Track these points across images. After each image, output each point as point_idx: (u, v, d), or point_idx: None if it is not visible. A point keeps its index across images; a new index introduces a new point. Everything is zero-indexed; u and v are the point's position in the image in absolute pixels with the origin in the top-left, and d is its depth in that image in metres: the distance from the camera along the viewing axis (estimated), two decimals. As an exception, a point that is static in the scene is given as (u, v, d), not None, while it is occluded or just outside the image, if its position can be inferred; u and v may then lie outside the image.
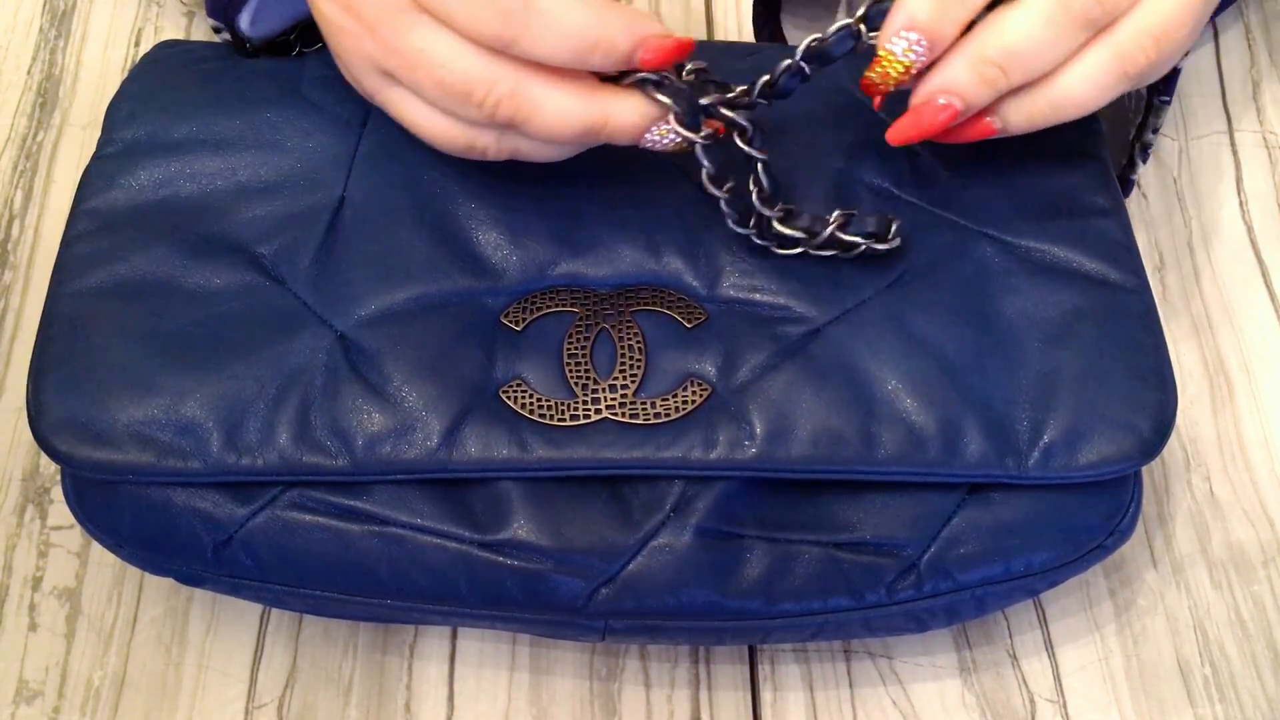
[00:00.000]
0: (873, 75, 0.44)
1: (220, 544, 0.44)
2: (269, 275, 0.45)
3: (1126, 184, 0.54)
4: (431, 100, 0.43)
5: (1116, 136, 0.53)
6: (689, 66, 0.43)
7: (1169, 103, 0.51)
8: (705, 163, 0.43)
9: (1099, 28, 0.43)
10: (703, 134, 0.43)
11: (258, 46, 0.53)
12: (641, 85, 0.42)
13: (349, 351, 0.44)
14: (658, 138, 0.43)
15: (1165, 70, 0.45)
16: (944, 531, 0.44)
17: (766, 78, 0.44)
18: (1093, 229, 0.47)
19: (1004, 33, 0.42)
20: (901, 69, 0.43)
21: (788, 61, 0.44)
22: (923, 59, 0.43)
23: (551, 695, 0.48)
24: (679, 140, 0.43)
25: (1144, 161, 0.53)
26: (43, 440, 0.43)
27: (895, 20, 0.42)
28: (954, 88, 0.43)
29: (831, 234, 0.45)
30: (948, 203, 0.47)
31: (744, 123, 0.43)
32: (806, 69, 0.44)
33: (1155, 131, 0.52)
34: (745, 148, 0.44)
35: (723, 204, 0.45)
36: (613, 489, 0.44)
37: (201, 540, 0.44)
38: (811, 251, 0.45)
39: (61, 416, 0.43)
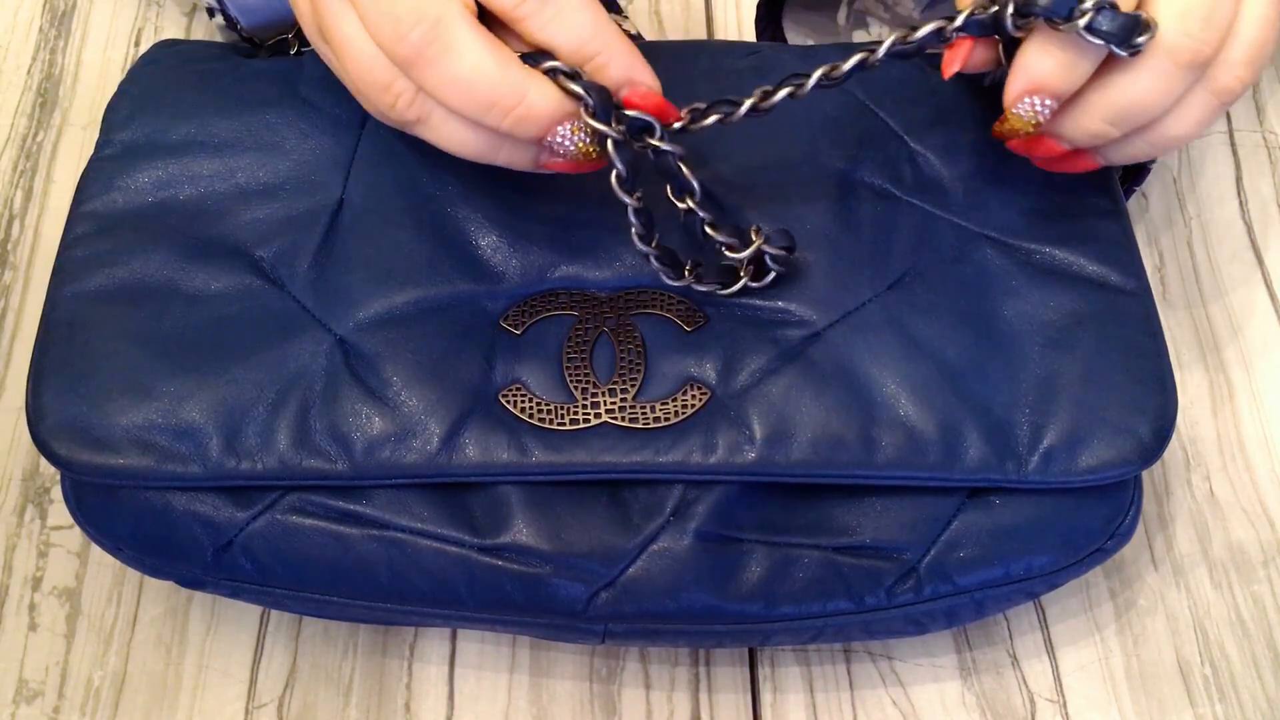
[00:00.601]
0: (1002, 130, 0.44)
1: (220, 548, 0.44)
2: (268, 278, 0.45)
3: (1143, 172, 0.54)
4: (364, 13, 0.41)
5: None
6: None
7: None
8: (617, 163, 0.41)
9: (1206, 68, 0.42)
10: (615, 127, 0.41)
11: (250, 37, 0.53)
12: (553, 74, 0.41)
13: (348, 355, 0.44)
14: (566, 133, 0.41)
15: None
16: (944, 535, 0.44)
17: (826, 69, 0.42)
18: (1093, 231, 0.47)
19: (1116, 94, 0.42)
20: (1031, 127, 0.43)
21: (861, 56, 0.42)
22: (1050, 114, 0.43)
23: (551, 696, 0.48)
24: (587, 141, 0.41)
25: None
26: (42, 444, 0.43)
27: (1016, 83, 0.42)
28: (1065, 136, 0.44)
29: (758, 248, 0.44)
30: (949, 204, 0.47)
31: (649, 119, 0.41)
32: (878, 65, 0.43)
33: None
34: (657, 143, 0.42)
35: (630, 213, 0.43)
36: (612, 493, 0.44)
37: (201, 544, 0.44)
38: (696, 287, 0.44)
39: (61, 420, 0.43)
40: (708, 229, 0.44)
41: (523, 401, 0.43)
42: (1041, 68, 0.41)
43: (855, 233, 0.46)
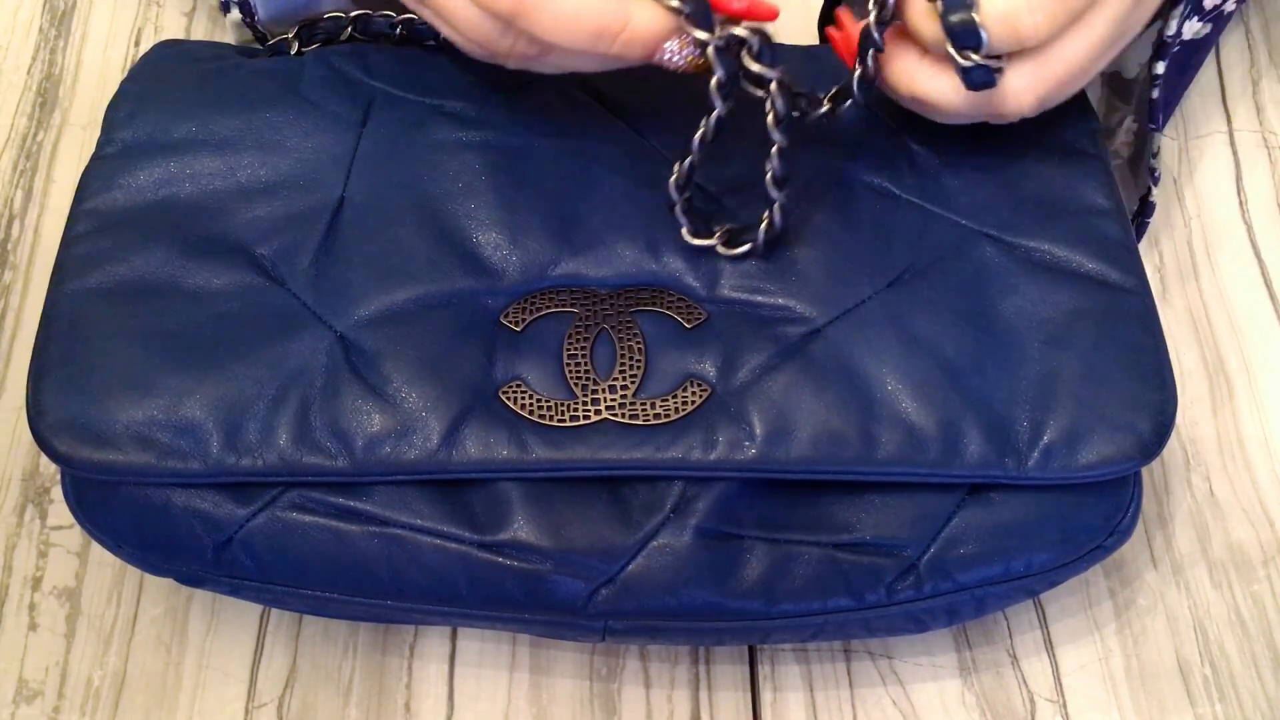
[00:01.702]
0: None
1: (220, 545, 0.44)
2: (268, 276, 0.45)
3: (1147, 206, 0.55)
4: None
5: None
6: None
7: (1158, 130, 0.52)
8: (718, 67, 0.42)
9: None
10: (717, 34, 0.42)
11: (264, 34, 0.53)
12: None
13: (349, 352, 0.44)
14: (675, 48, 0.42)
15: None
16: (944, 532, 0.44)
17: None
18: (1092, 229, 0.47)
19: (923, 81, 0.44)
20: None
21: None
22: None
23: (551, 695, 0.48)
24: (696, 54, 0.42)
25: (1155, 184, 0.54)
26: (42, 441, 0.43)
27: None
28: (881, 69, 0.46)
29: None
30: (948, 202, 0.47)
31: (746, 34, 0.42)
32: None
33: (1155, 155, 0.53)
34: (754, 65, 0.42)
35: (711, 119, 0.43)
36: (613, 490, 0.44)
37: (201, 541, 0.44)
38: (703, 243, 0.45)
39: (61, 417, 0.43)
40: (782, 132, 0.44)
41: (523, 398, 0.43)
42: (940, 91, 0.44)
43: (855, 230, 0.46)
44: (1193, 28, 0.55)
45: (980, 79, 0.43)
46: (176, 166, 0.47)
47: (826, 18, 0.57)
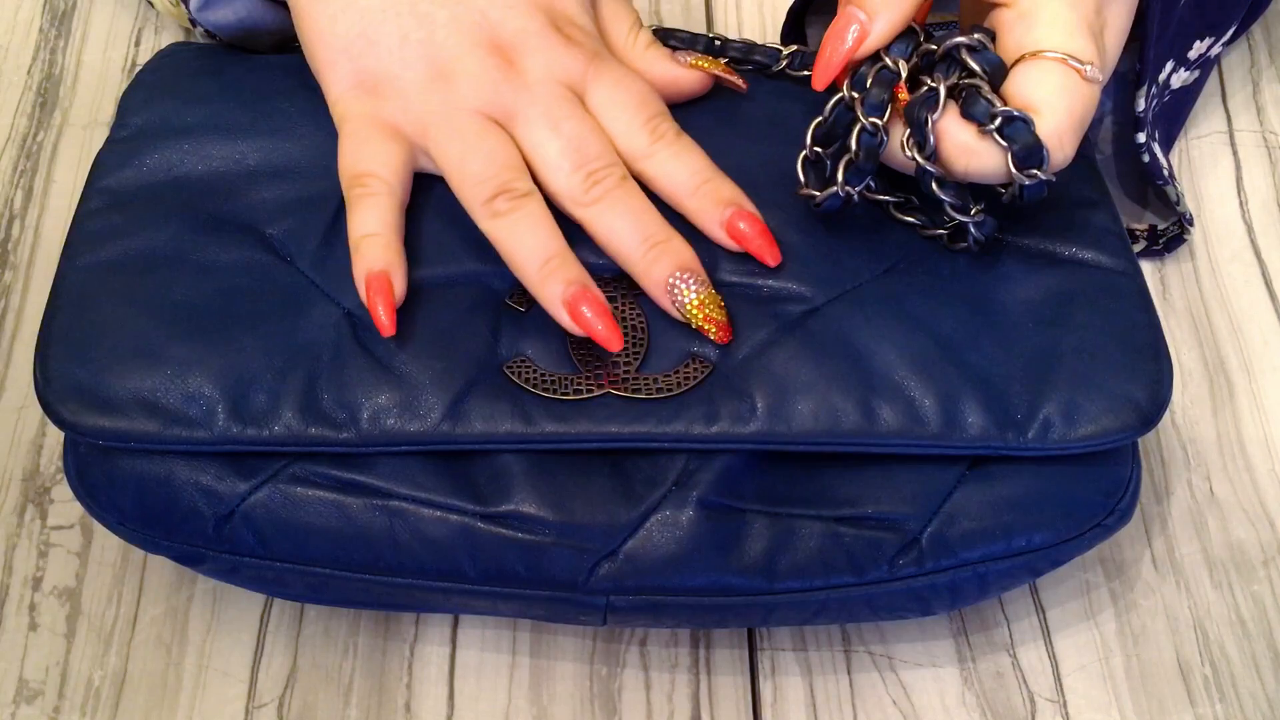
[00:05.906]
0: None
1: (222, 518, 0.44)
2: (277, 254, 0.45)
3: (1177, 240, 0.56)
4: None
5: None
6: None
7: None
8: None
9: None
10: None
11: (223, 40, 0.53)
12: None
13: (356, 327, 0.44)
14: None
15: None
16: (945, 506, 0.44)
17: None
18: (1082, 220, 0.48)
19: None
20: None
21: None
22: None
23: (552, 695, 0.48)
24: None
25: (1191, 225, 0.56)
26: (48, 407, 0.43)
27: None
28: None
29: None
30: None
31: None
32: None
33: (1178, 203, 0.55)
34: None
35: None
36: (615, 463, 0.44)
37: (203, 514, 0.44)
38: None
39: (68, 384, 0.43)
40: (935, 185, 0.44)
41: (527, 372, 0.43)
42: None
43: (852, 220, 0.47)
44: (1181, 77, 0.56)
45: (1037, 190, 0.43)
46: (190, 147, 0.48)
47: (791, 29, 0.57)
